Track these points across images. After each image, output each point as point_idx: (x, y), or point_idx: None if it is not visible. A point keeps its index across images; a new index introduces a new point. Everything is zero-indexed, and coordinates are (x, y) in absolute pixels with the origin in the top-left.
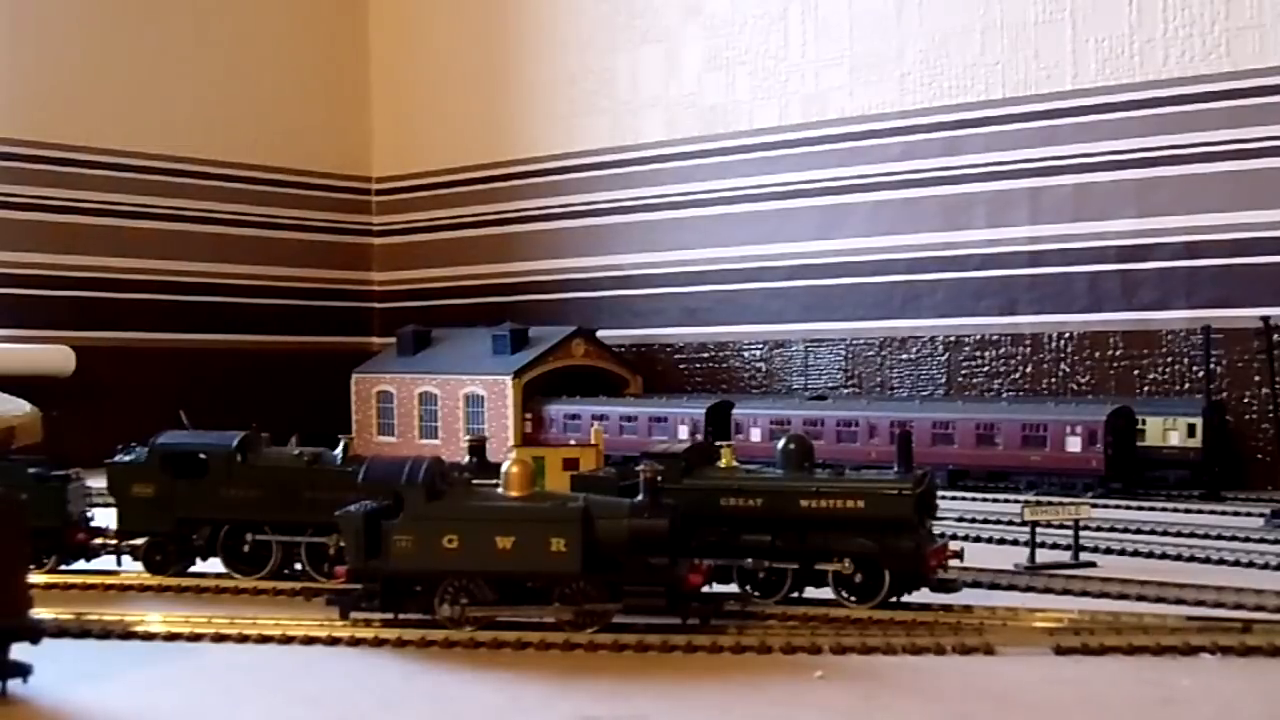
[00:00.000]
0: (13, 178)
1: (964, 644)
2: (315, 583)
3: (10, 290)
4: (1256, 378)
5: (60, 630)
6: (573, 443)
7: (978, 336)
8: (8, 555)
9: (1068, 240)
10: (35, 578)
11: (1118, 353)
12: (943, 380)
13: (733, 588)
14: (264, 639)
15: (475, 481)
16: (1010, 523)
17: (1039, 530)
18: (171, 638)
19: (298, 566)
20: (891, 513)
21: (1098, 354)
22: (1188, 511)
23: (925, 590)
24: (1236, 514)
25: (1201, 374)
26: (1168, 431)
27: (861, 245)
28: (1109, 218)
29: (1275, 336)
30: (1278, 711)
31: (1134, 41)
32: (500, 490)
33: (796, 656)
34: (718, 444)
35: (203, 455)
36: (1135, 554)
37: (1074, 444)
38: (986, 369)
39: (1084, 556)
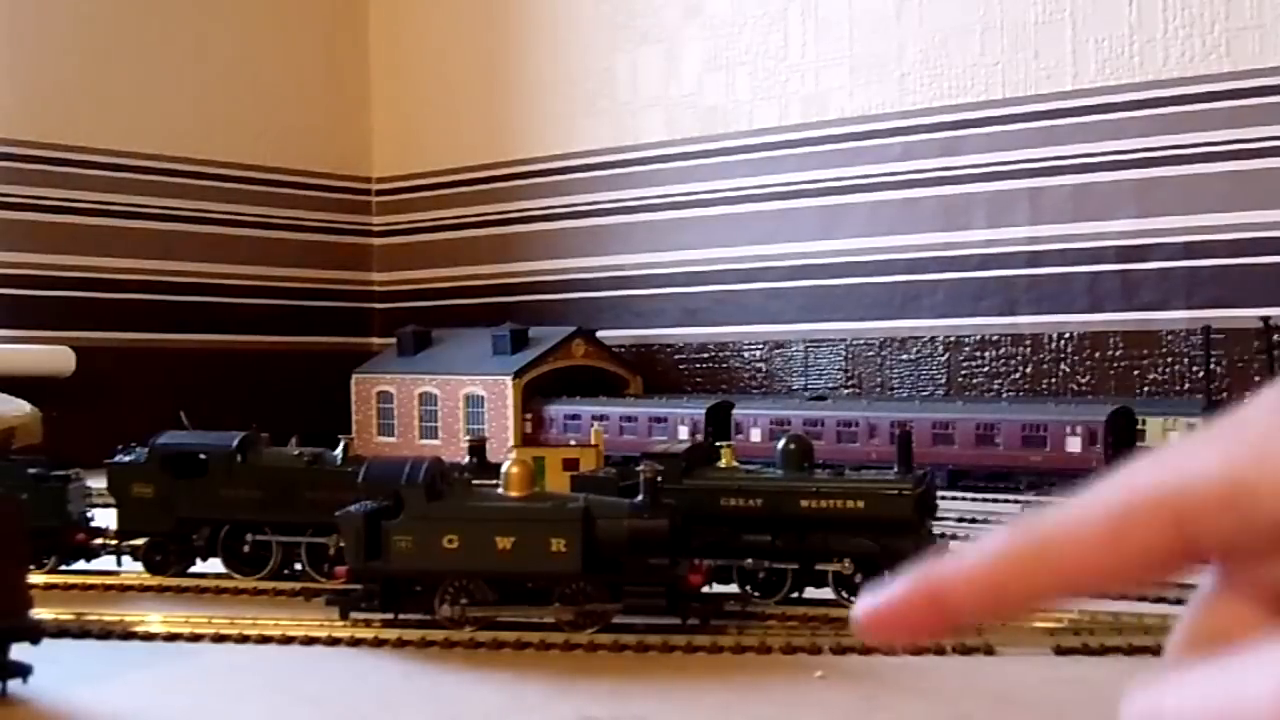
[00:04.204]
0: (11, 178)
1: (964, 644)
2: (315, 583)
3: (10, 290)
4: (1257, 378)
5: (60, 630)
6: (573, 443)
7: (978, 337)
8: (8, 555)
9: (1068, 240)
10: (35, 578)
11: (1118, 353)
12: (943, 380)
13: (733, 588)
14: (264, 639)
15: (475, 482)
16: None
17: None
18: (171, 638)
19: (298, 567)
20: (891, 513)
21: (1098, 354)
22: None
23: None
24: None
25: (1201, 374)
26: (1168, 432)
27: (861, 245)
28: (1109, 218)
29: (1275, 336)
30: None
31: (1134, 41)
32: (500, 490)
33: (796, 656)
34: (718, 444)
35: (203, 455)
36: None
37: (1074, 444)
38: (986, 369)
39: None
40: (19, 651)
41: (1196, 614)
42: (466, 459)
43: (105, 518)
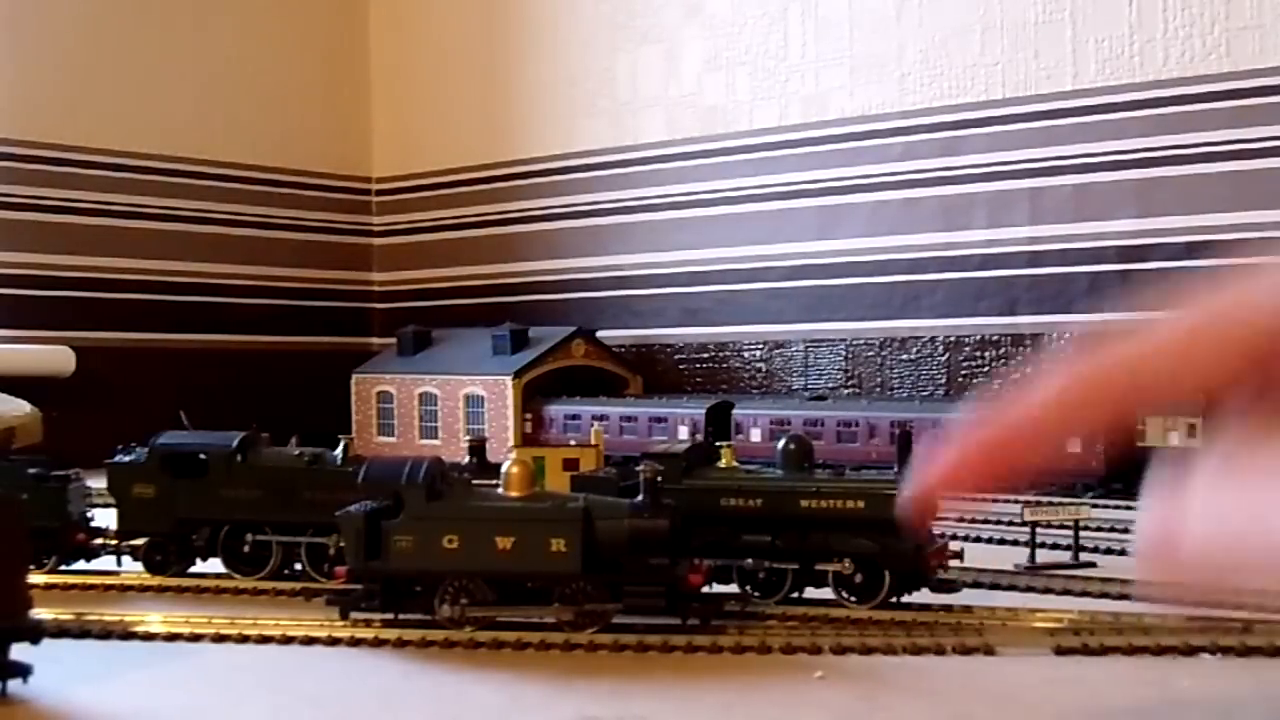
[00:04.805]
0: (10, 178)
1: (964, 644)
2: (315, 583)
3: (10, 290)
4: None
5: (60, 630)
6: (573, 443)
7: (978, 336)
8: (8, 555)
9: (1068, 240)
10: (35, 578)
11: None
12: (943, 380)
13: (733, 588)
14: (264, 639)
15: (475, 482)
16: (1010, 523)
17: (1039, 530)
18: (172, 638)
19: (298, 567)
20: (891, 513)
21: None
22: None
23: (925, 590)
24: None
25: None
26: (1168, 431)
27: (861, 245)
28: (1109, 218)
29: None
30: (1278, 712)
31: (1134, 41)
32: (500, 490)
33: (796, 656)
34: (718, 444)
35: (203, 455)
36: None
37: (1074, 444)
38: (986, 369)
39: (1084, 557)
40: (19, 651)
41: (1235, 433)
42: (466, 459)
43: (105, 518)
